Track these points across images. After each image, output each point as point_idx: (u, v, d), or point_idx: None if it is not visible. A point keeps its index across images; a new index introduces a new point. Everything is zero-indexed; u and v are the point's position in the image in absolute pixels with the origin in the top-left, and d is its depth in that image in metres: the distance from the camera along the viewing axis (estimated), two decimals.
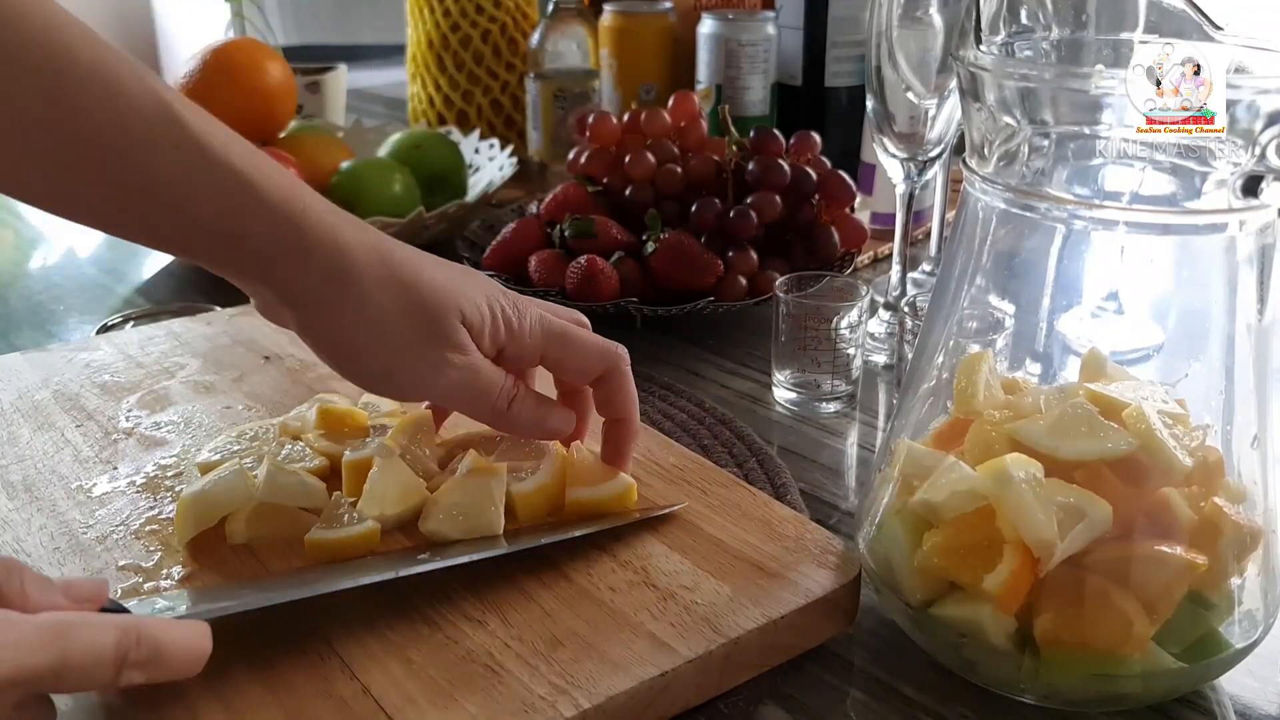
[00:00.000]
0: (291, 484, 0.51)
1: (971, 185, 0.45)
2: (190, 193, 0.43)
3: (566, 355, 0.51)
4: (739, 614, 0.45)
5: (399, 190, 0.92)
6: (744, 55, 1.04)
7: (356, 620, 0.44)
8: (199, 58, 0.95)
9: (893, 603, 0.47)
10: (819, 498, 0.60)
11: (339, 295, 0.46)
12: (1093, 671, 0.42)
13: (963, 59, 0.43)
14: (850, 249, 0.82)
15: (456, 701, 0.40)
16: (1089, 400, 0.43)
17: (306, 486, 0.51)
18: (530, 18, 1.21)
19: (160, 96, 0.43)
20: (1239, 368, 0.43)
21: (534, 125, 1.12)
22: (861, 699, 0.46)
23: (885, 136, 0.72)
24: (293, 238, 0.45)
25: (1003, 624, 0.42)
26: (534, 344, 0.50)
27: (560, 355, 0.51)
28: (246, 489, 0.50)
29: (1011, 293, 0.47)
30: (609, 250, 0.77)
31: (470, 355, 0.48)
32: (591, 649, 0.43)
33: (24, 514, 0.52)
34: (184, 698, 0.40)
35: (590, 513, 0.51)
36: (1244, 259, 0.41)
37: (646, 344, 0.78)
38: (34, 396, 0.64)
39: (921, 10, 0.67)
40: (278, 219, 0.45)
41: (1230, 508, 0.42)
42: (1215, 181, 0.40)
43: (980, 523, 0.42)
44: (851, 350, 0.68)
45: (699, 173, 0.82)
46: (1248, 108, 0.38)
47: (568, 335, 0.51)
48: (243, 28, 1.14)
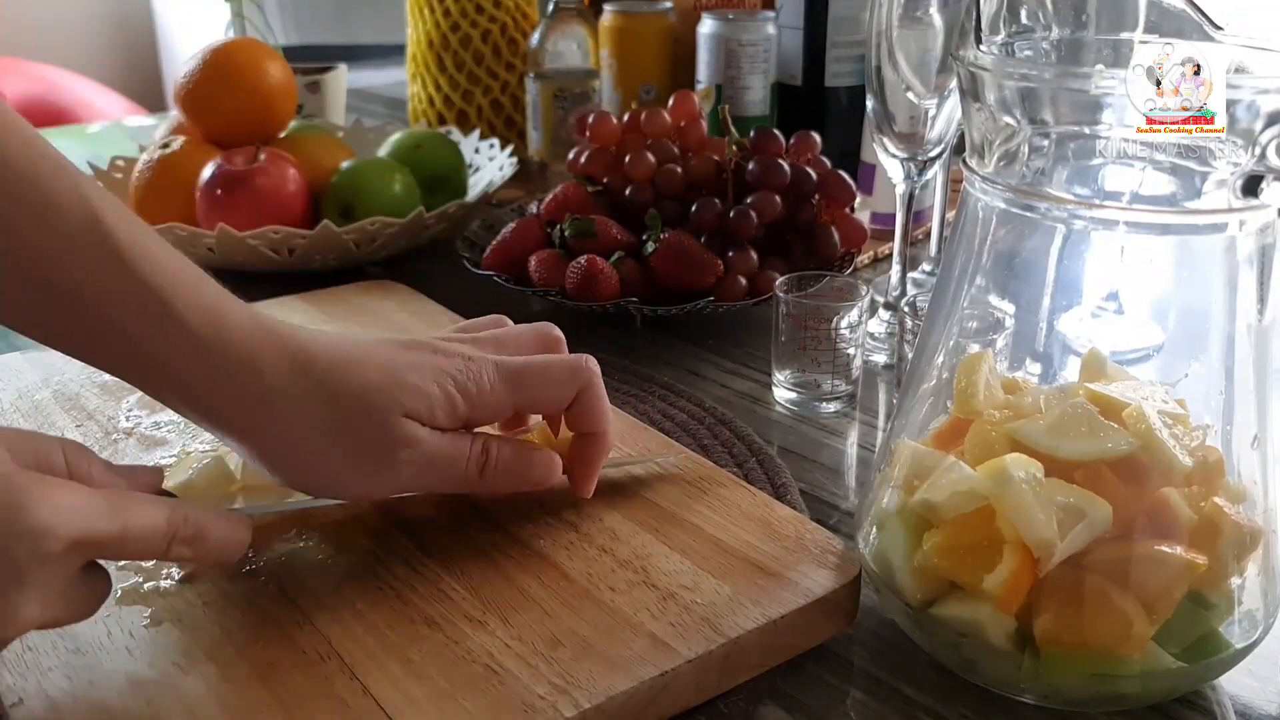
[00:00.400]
0: None
1: (971, 185, 0.45)
2: (111, 308, 0.42)
3: (537, 394, 0.49)
4: (739, 614, 0.45)
5: (399, 190, 0.92)
6: (744, 55, 1.04)
7: (356, 620, 0.45)
8: (199, 58, 0.95)
9: (893, 603, 0.47)
10: (819, 498, 0.60)
11: (266, 420, 0.44)
12: (1093, 671, 0.42)
13: (963, 59, 0.43)
14: (850, 249, 0.82)
15: (456, 701, 0.40)
16: (1089, 400, 0.43)
17: None
18: (530, 18, 1.21)
19: (90, 204, 0.41)
20: (1239, 368, 0.43)
21: (534, 125, 1.12)
22: (861, 699, 0.46)
23: (885, 136, 0.72)
24: (208, 364, 0.43)
25: (1003, 624, 0.42)
26: (499, 401, 0.47)
27: (531, 397, 0.49)
28: (227, 474, 0.50)
29: (1011, 293, 0.47)
30: (609, 250, 0.77)
31: (422, 445, 0.45)
32: (591, 649, 0.43)
33: None
34: (184, 698, 0.40)
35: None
36: (1244, 259, 0.41)
37: (646, 344, 0.78)
38: (34, 396, 0.64)
39: (921, 10, 0.67)
40: (195, 344, 0.42)
41: (1230, 508, 0.42)
42: (1215, 181, 0.40)
43: (980, 523, 0.42)
44: (851, 350, 0.68)
45: (699, 173, 0.82)
46: (1248, 108, 0.38)
47: (530, 373, 0.48)
48: (243, 28, 1.14)
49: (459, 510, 0.52)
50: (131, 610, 0.45)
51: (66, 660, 0.42)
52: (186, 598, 0.46)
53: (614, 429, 0.51)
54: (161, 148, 0.92)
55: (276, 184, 0.88)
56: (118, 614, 0.45)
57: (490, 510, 0.52)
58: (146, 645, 0.43)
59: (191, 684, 0.41)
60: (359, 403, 0.44)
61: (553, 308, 0.77)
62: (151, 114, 1.76)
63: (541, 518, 0.51)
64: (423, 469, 0.46)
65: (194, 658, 0.43)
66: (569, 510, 0.52)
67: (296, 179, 0.89)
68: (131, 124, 1.28)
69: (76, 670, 0.42)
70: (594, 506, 0.52)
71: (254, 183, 0.87)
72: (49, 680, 0.41)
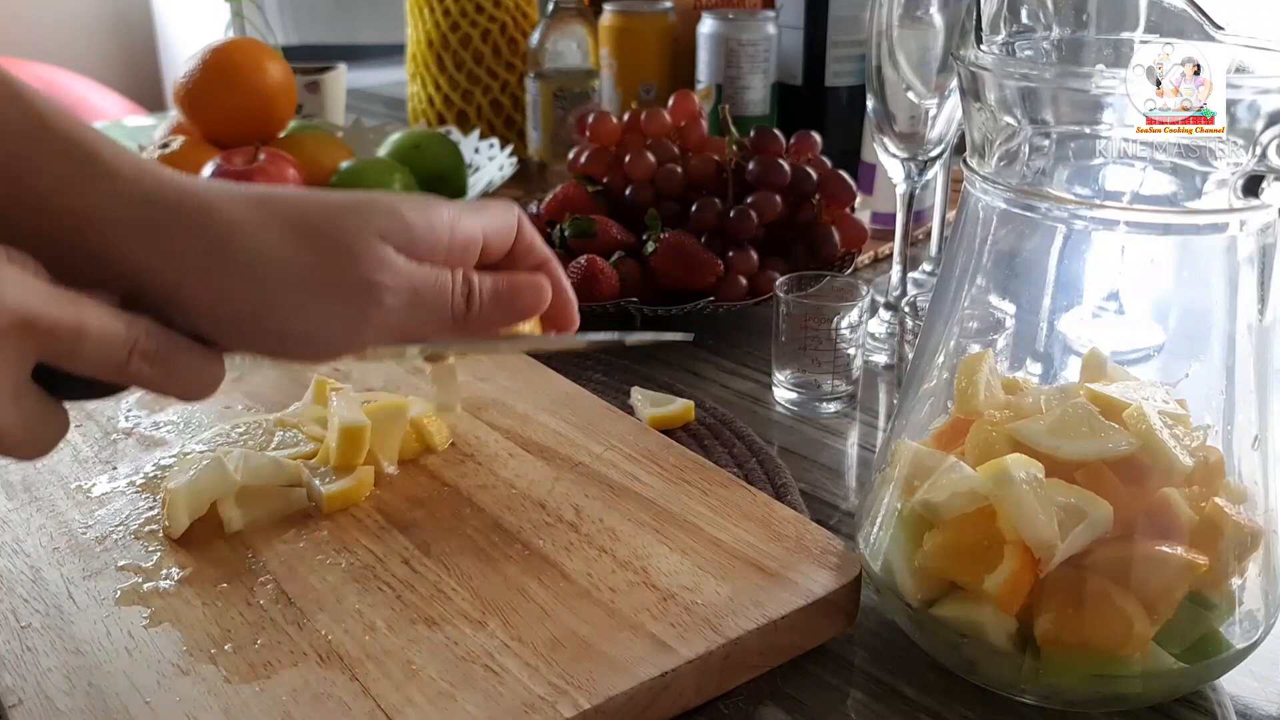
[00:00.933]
0: (265, 464, 0.53)
1: (972, 185, 0.45)
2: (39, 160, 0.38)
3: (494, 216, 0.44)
4: (739, 614, 0.44)
5: (399, 190, 0.92)
6: (744, 55, 1.04)
7: (356, 621, 0.44)
8: (199, 58, 0.95)
9: (893, 603, 0.47)
10: (819, 498, 0.60)
11: (224, 264, 0.39)
12: (1093, 672, 0.42)
13: (963, 59, 0.43)
14: (850, 249, 0.82)
15: (456, 702, 0.40)
16: (1089, 400, 0.43)
17: (281, 465, 0.53)
18: (530, 17, 1.21)
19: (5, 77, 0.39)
20: (1240, 368, 0.43)
21: (534, 125, 1.12)
22: (862, 699, 0.46)
23: (885, 136, 0.72)
24: (148, 213, 0.38)
25: (1003, 624, 0.42)
26: (468, 225, 0.43)
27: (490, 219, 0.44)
28: (227, 476, 0.51)
29: (1012, 293, 0.47)
30: (609, 250, 0.77)
31: (401, 272, 0.40)
32: (591, 649, 0.43)
33: (23, 514, 0.52)
34: (184, 699, 0.40)
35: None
36: (1244, 259, 0.41)
37: None
38: None
39: (922, 10, 0.67)
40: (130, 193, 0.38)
41: (1231, 508, 0.42)
42: (1216, 181, 0.40)
43: (980, 523, 0.42)
44: (852, 350, 0.68)
45: (699, 172, 0.82)
46: (1248, 108, 0.38)
47: (480, 204, 0.45)
48: (243, 28, 1.14)
49: (459, 510, 0.52)
50: (131, 610, 0.45)
51: (66, 661, 0.42)
52: (186, 598, 0.46)
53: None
54: (161, 147, 0.92)
55: (276, 184, 0.88)
56: (117, 614, 0.45)
57: (491, 510, 0.52)
58: (146, 645, 0.43)
59: (191, 684, 0.41)
60: (328, 224, 0.40)
61: None
62: (151, 114, 1.76)
63: (541, 518, 0.51)
64: (405, 304, 0.41)
65: (193, 658, 0.43)
66: (569, 510, 0.52)
67: (296, 179, 0.89)
68: (131, 124, 1.28)
69: (76, 671, 0.42)
70: (594, 506, 0.52)
71: (253, 183, 0.86)
72: (49, 681, 0.41)
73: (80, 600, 0.46)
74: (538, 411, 0.62)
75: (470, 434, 0.59)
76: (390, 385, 0.65)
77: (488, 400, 0.63)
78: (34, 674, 0.42)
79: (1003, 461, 0.41)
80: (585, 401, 0.63)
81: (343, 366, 0.66)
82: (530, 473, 0.55)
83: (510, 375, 0.66)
